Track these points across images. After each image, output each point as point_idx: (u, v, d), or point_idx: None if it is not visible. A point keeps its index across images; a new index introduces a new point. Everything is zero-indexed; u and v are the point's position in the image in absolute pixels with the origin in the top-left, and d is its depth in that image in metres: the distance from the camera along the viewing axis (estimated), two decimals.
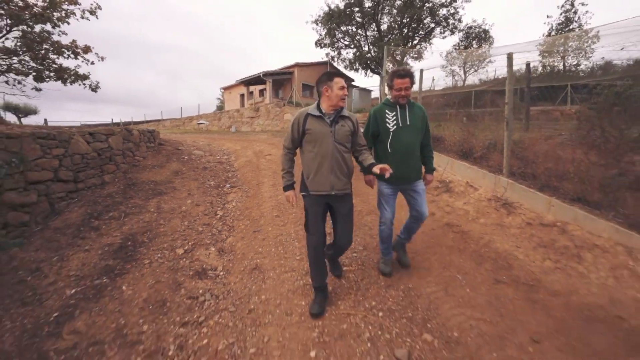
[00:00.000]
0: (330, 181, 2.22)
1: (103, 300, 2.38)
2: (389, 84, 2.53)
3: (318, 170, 2.23)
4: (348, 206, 2.36)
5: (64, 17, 6.36)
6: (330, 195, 2.26)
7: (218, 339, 2.03)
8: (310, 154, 2.26)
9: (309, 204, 2.31)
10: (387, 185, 2.58)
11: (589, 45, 18.61)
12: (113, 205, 4.04)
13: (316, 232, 2.27)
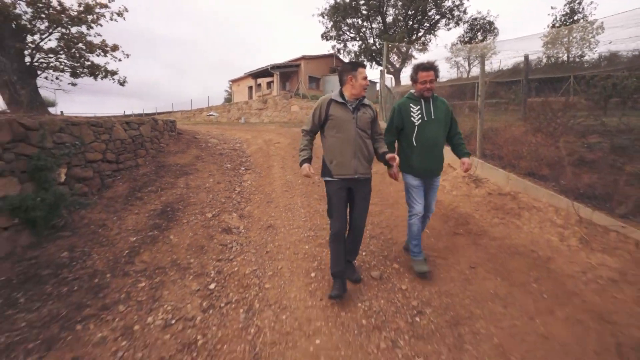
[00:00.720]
0: (353, 165, 2.29)
1: (158, 245, 3.21)
2: (413, 78, 2.55)
3: (342, 155, 2.29)
4: (367, 190, 2.45)
5: (96, 19, 7.17)
6: (353, 179, 2.32)
7: (245, 267, 2.85)
8: (333, 139, 2.32)
9: (334, 189, 2.33)
10: (415, 178, 2.60)
11: (594, 36, 18.82)
12: (149, 182, 4.88)
13: (339, 218, 2.32)
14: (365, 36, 23.81)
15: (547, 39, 18.98)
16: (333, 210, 2.35)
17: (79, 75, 7.48)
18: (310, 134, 2.45)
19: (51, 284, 2.50)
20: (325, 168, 2.37)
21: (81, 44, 7.20)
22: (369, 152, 2.39)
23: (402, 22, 22.80)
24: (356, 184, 2.36)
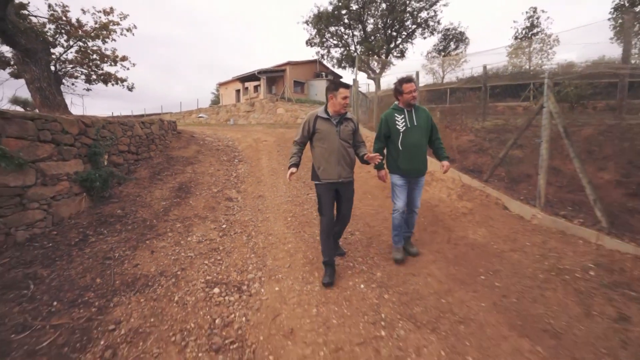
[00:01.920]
0: (337, 171, 2.71)
1: (182, 206, 4.63)
2: (398, 90, 2.93)
3: (327, 162, 2.70)
4: (351, 190, 2.91)
5: (108, 34, 8.48)
6: (338, 182, 2.75)
7: (244, 217, 4.32)
8: (319, 149, 2.74)
9: (322, 190, 2.77)
10: (400, 177, 3.00)
11: (551, 48, 21.08)
12: (164, 169, 6.26)
13: (328, 214, 2.76)
14: (347, 43, 25.51)
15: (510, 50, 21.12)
16: (322, 208, 2.78)
17: (92, 82, 8.76)
18: (301, 144, 2.85)
19: (118, 225, 3.90)
20: (314, 173, 2.81)
21: (96, 55, 8.49)
22: (351, 159, 2.82)
23: (382, 31, 24.62)
24: (341, 186, 2.80)
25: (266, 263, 3.14)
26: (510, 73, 23.51)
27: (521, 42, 21.17)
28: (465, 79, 21.91)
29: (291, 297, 2.55)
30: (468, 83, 19.38)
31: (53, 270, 2.84)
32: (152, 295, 2.55)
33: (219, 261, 3.16)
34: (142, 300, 2.49)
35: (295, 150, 2.84)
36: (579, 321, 2.10)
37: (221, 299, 2.54)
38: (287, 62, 24.41)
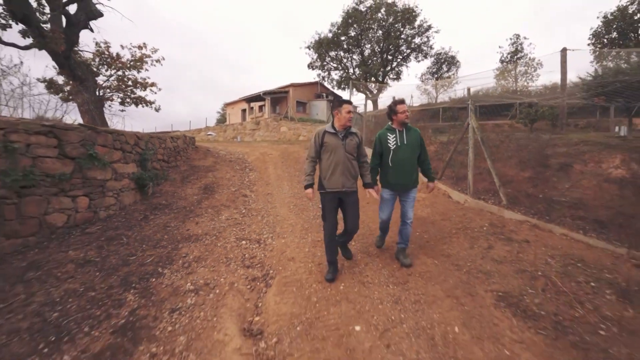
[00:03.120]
0: (341, 181, 2.94)
1: (210, 199, 6.11)
2: (393, 110, 3.27)
3: (332, 173, 2.93)
4: (354, 199, 3.07)
5: (141, 65, 10.26)
6: (341, 192, 2.97)
7: (257, 206, 5.80)
8: (326, 161, 2.99)
9: (326, 199, 3.02)
10: (387, 191, 3.32)
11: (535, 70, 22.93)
12: (190, 174, 7.79)
13: (331, 221, 3.00)
14: (346, 66, 27.62)
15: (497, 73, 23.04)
16: (326, 215, 3.06)
17: (126, 104, 10.47)
18: (314, 159, 3.12)
19: (167, 210, 5.38)
20: (320, 183, 3.07)
21: (130, 82, 10.25)
22: (355, 171, 3.07)
23: (378, 55, 26.74)
24: (345, 195, 3.02)
25: (275, 230, 4.60)
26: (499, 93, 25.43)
27: (507, 66, 23.10)
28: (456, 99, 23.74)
29: (292, 244, 4.01)
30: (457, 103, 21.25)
31: (134, 232, 4.32)
32: (204, 243, 4.02)
33: (242, 229, 4.63)
34: (198, 245, 3.96)
35: (309, 170, 3.14)
36: (465, 250, 3.53)
37: (247, 246, 4.00)
38: (290, 83, 26.44)
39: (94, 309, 2.61)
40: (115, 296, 2.80)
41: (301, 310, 2.60)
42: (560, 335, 2.15)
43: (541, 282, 2.73)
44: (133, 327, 2.41)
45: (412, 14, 24.85)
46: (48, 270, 3.16)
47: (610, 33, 23.04)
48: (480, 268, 3.11)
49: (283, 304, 2.71)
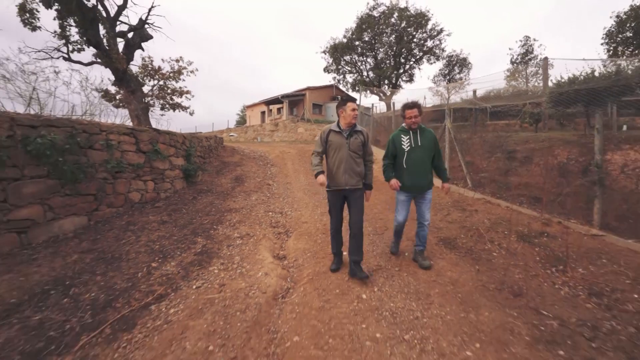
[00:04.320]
0: (344, 179, 3.06)
1: (240, 187, 7.67)
2: (402, 115, 3.31)
3: (336, 171, 3.08)
4: (359, 197, 3.16)
5: (179, 75, 12.03)
6: (345, 189, 3.10)
7: (279, 191, 7.31)
8: (331, 159, 3.14)
9: (331, 196, 3.21)
10: (403, 193, 3.33)
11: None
12: (222, 168, 9.40)
13: (336, 216, 3.23)
14: (360, 69, 28.93)
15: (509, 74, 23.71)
16: (331, 211, 3.26)
17: (165, 110, 12.27)
18: (320, 154, 3.23)
19: (209, 193, 6.95)
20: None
21: (170, 91, 12.04)
22: (359, 169, 3.12)
23: (392, 58, 27.91)
24: (348, 193, 3.12)
25: (293, 206, 6.09)
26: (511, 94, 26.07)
27: (517, 67, 23.77)
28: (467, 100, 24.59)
29: (305, 214, 5.49)
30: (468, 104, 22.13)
31: (189, 207, 5.89)
32: (241, 213, 5.55)
33: (268, 205, 6.14)
34: (237, 214, 5.49)
35: (317, 161, 3.23)
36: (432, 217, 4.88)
37: (273, 215, 5.50)
38: (307, 87, 28.01)
39: (179, 244, 4.16)
40: (190, 239, 4.34)
41: (310, 246, 4.07)
42: (468, 255, 3.52)
43: (472, 232, 4.08)
44: (206, 252, 3.93)
45: (424, 18, 25.90)
46: (141, 226, 4.76)
47: (624, 32, 23.29)
48: (435, 225, 4.48)
49: (299, 243, 4.18)
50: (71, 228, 4.58)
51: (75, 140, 4.71)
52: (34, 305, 2.78)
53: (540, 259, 3.31)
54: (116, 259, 3.69)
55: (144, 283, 3.19)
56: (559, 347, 2.06)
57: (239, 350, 2.20)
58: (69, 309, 2.74)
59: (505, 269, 3.15)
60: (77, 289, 3.06)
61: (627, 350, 2.00)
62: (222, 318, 2.57)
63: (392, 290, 2.90)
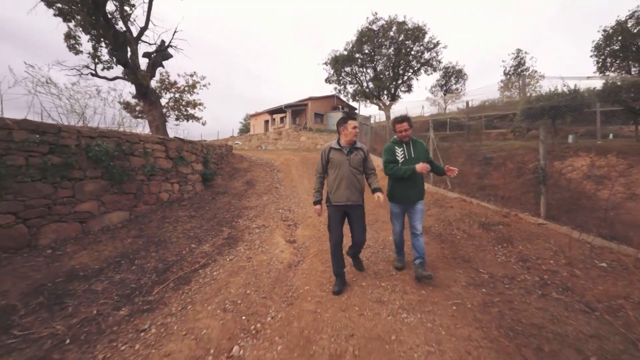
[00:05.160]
0: (346, 195, 3.13)
1: (252, 189, 8.72)
2: (392, 128, 3.43)
3: (338, 187, 3.15)
4: (360, 213, 3.25)
5: (193, 89, 13.20)
6: (347, 205, 3.16)
7: (286, 193, 8.35)
8: (332, 175, 3.21)
9: (332, 212, 3.23)
10: (396, 205, 3.46)
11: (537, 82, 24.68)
12: (234, 173, 10.46)
13: (336, 232, 3.19)
14: (361, 80, 30.15)
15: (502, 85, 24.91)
16: (331, 227, 3.22)
17: (180, 120, 13.42)
18: (322, 175, 3.34)
19: (225, 194, 8.00)
20: (327, 196, 3.28)
21: (184, 103, 13.20)
22: (359, 185, 3.20)
23: (390, 69, 29.16)
24: (350, 209, 3.19)
25: (299, 205, 7.14)
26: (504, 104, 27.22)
27: (510, 78, 24.96)
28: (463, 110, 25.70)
29: (310, 211, 6.52)
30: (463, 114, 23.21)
31: (210, 205, 6.93)
32: (256, 210, 6.59)
33: (278, 204, 7.18)
34: (253, 210, 6.53)
35: (318, 186, 3.39)
36: None
37: (283, 212, 6.54)
38: (309, 97, 29.25)
39: (209, 232, 5.19)
40: (217, 228, 5.38)
41: (314, 233, 5.09)
42: (437, 238, 4.55)
43: (444, 222, 5.09)
44: (232, 237, 4.97)
45: (422, 32, 27.21)
46: (175, 219, 5.79)
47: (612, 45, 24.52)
48: None
49: (305, 232, 5.20)
50: (117, 220, 5.62)
51: (121, 148, 5.79)
52: (112, 270, 3.81)
53: (491, 240, 4.32)
54: (162, 242, 4.72)
55: (189, 257, 4.23)
56: (484, 288, 3.08)
57: (267, 293, 3.23)
58: (139, 272, 3.77)
59: (463, 246, 4.17)
60: (140, 261, 4.10)
61: (528, 290, 3.01)
62: (253, 277, 3.60)
63: (376, 259, 3.93)
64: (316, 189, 3.43)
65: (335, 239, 3.20)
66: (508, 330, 2.41)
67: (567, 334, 2.34)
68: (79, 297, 3.18)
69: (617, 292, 2.87)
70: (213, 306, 3.00)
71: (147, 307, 3.05)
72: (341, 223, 3.25)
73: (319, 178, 3.41)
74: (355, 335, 2.41)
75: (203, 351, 2.38)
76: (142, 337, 2.59)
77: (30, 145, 4.40)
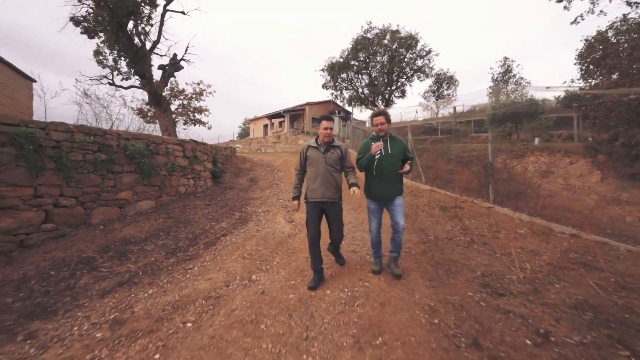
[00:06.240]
0: (321, 192, 3.24)
1: (255, 185, 9.99)
2: (371, 122, 3.50)
3: (314, 184, 3.28)
4: (336, 211, 3.36)
5: (200, 96, 14.50)
6: (322, 202, 3.26)
7: (286, 188, 9.64)
8: (310, 173, 3.35)
9: (309, 208, 3.34)
10: (372, 202, 3.48)
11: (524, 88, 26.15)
12: (239, 172, 11.73)
13: (312, 228, 3.28)
14: (356, 86, 31.59)
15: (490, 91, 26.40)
16: (308, 223, 3.38)
17: (187, 125, 14.72)
18: (301, 172, 3.53)
19: (233, 189, 9.26)
20: (305, 193, 3.47)
21: (192, 109, 14.50)
22: (336, 182, 3.30)
23: (385, 75, 30.62)
24: (326, 206, 3.32)
25: None
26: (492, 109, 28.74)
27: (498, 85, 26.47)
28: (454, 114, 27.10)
29: None
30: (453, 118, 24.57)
31: (221, 197, 8.20)
32: (261, 200, 7.86)
33: (279, 197, 8.45)
34: (258, 201, 7.81)
35: (297, 183, 3.53)
36: None
37: (283, 202, 7.83)
38: (307, 102, 30.62)
39: (224, 215, 6.45)
40: (230, 213, 6.64)
41: None
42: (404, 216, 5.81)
43: (413, 207, 6.37)
44: (243, 218, 6.24)
45: (414, 40, 28.71)
46: (194, 206, 7.05)
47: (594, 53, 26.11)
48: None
49: (302, 215, 6.46)
50: (146, 207, 6.87)
51: (149, 148, 7.06)
52: (154, 238, 5.07)
53: (446, 217, 5.61)
54: (188, 221, 5.98)
55: (211, 230, 5.49)
56: (428, 244, 4.37)
57: (273, 249, 4.51)
58: (175, 239, 5.04)
59: (422, 221, 5.46)
60: (173, 233, 5.36)
61: (458, 244, 4.29)
62: (262, 241, 4.88)
63: (353, 228, 5.20)
64: (295, 185, 3.58)
65: (312, 235, 3.28)
66: (434, 263, 3.70)
67: (470, 263, 3.63)
68: (136, 253, 4.45)
69: (519, 245, 4.16)
70: (235, 256, 4.28)
71: (188, 257, 4.32)
72: (318, 220, 3.33)
73: (297, 175, 3.57)
74: (334, 266, 3.68)
75: (232, 278, 3.65)
76: (189, 271, 3.86)
77: (86, 144, 5.67)
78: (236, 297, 3.16)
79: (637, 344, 2.18)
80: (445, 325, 2.46)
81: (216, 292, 3.29)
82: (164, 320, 2.79)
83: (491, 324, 2.46)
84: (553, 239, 4.36)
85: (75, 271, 3.83)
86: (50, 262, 4.03)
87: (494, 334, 2.32)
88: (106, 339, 2.56)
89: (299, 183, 3.55)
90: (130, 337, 2.57)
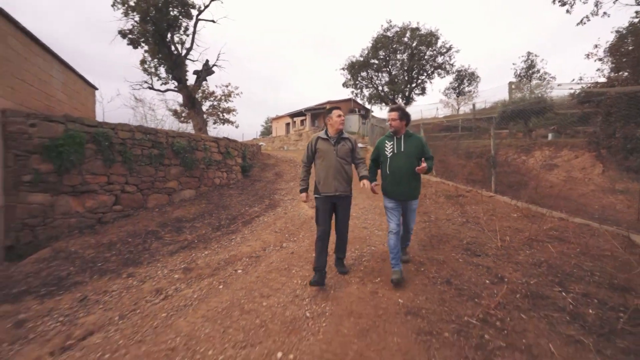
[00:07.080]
0: (334, 185, 3.17)
1: (280, 179, 11.05)
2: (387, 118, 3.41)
3: (326, 177, 3.20)
4: (347, 204, 3.35)
5: (228, 97, 15.75)
6: (335, 196, 3.20)
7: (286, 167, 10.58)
8: (319, 166, 3.27)
9: (320, 203, 3.25)
10: (389, 200, 3.30)
11: (548, 83, 25.84)
12: (265, 167, 12.84)
13: (324, 224, 3.19)
14: (376, 84, 32.15)
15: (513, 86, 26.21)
16: (319, 219, 3.25)
17: (217, 124, 16.01)
18: (307, 164, 3.46)
19: (261, 181, 10.35)
20: (315, 187, 3.35)
21: (221, 109, 15.77)
22: (347, 175, 3.25)
23: (405, 73, 31.01)
24: (338, 200, 3.26)
25: None
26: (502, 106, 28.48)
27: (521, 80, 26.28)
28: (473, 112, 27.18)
29: None
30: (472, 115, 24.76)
31: (251, 188, 9.28)
32: (286, 190, 8.89)
33: None
34: (284, 191, 8.83)
35: (304, 175, 3.49)
36: None
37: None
38: (328, 101, 31.50)
39: (255, 202, 7.51)
40: (260, 200, 7.68)
41: None
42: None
43: (422, 197, 7.15)
44: (272, 204, 7.27)
45: (434, 37, 28.94)
46: (229, 195, 8.15)
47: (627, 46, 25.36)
48: None
49: None
50: (188, 196, 8.04)
51: (191, 144, 8.22)
52: (201, 218, 6.18)
53: (449, 204, 6.37)
54: (226, 206, 7.07)
55: (246, 213, 6.55)
56: (428, 222, 5.19)
57: (299, 227, 5.48)
58: (218, 219, 6.11)
59: (427, 207, 6.25)
60: (215, 215, 6.44)
61: (454, 223, 5.09)
62: (289, 220, 5.87)
63: (366, 211, 6.08)
64: (302, 177, 3.49)
65: (322, 231, 3.16)
66: (430, 235, 4.54)
67: (460, 236, 4.44)
68: (189, 228, 5.55)
69: (507, 225, 4.91)
70: (268, 231, 5.30)
71: (230, 232, 5.38)
72: (330, 215, 3.24)
73: (304, 167, 3.47)
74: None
75: (267, 245, 4.66)
76: (233, 240, 4.91)
77: (143, 141, 6.86)
78: (272, 256, 4.16)
79: (571, 285, 2.96)
80: (428, 271, 3.33)
81: (256, 254, 4.30)
82: (220, 270, 3.82)
83: (463, 271, 3.30)
84: (540, 221, 5.07)
85: (146, 239, 4.97)
86: (125, 233, 5.20)
87: (463, 277, 3.17)
88: (182, 278, 3.61)
89: (306, 175, 3.48)
90: (198, 278, 3.61)
